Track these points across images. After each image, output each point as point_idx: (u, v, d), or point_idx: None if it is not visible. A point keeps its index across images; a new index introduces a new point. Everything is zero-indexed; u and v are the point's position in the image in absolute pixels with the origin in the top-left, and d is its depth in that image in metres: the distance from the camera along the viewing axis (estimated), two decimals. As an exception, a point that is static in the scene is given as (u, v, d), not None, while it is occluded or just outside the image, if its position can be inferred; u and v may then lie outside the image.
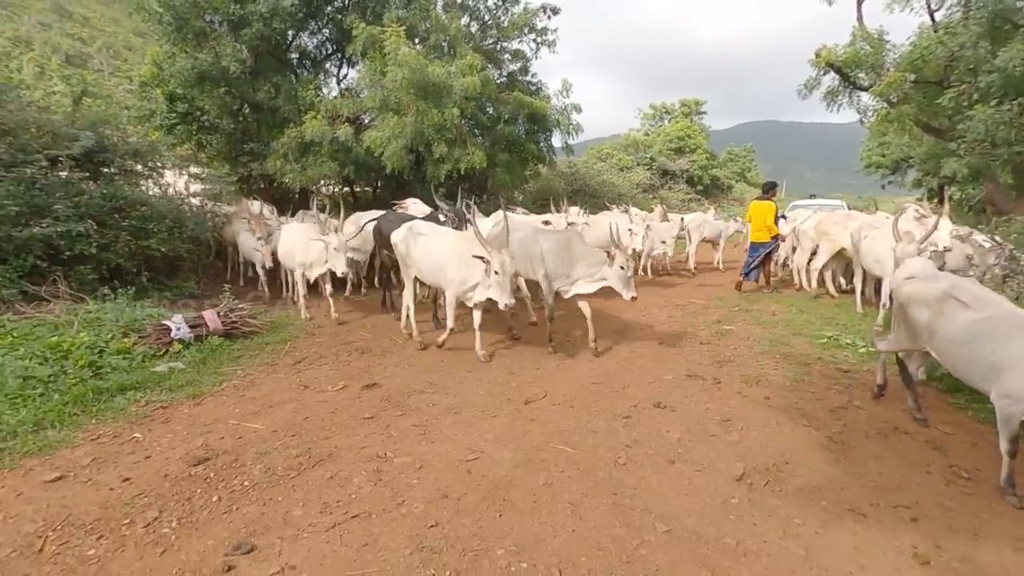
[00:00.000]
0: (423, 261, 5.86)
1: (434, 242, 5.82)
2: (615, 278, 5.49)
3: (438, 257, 5.68)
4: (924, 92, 9.01)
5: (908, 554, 2.77)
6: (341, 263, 6.66)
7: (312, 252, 6.93)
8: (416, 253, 5.93)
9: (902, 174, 25.40)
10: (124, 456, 3.57)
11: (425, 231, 6.03)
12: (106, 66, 49.49)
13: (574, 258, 5.74)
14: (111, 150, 8.02)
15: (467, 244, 5.47)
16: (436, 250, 5.73)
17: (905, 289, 4.01)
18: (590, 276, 5.67)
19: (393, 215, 7.53)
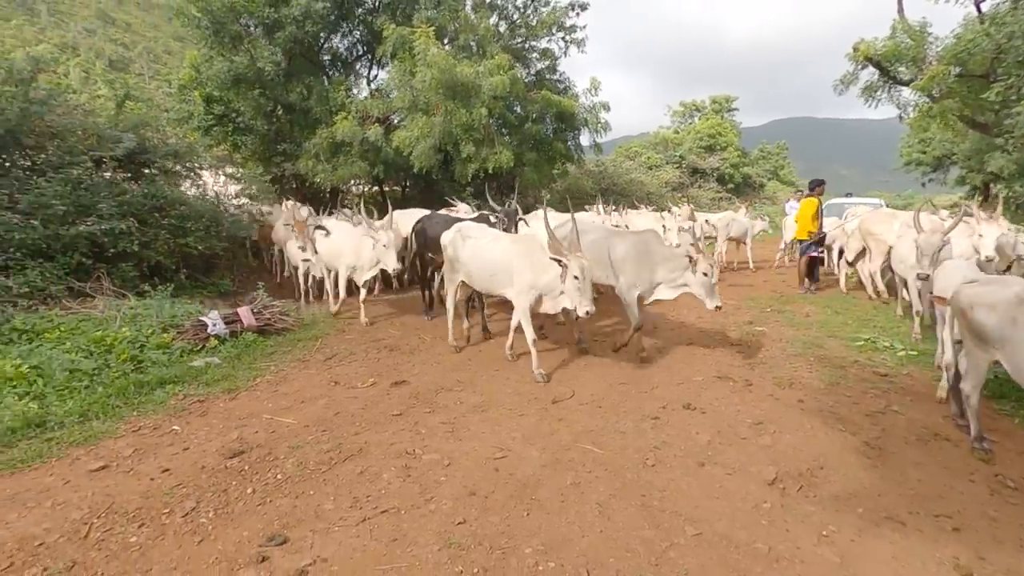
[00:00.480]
0: (473, 265, 5.54)
1: (485, 245, 5.48)
2: (698, 285, 5.16)
3: (491, 261, 5.35)
4: (969, 86, 8.66)
5: (949, 565, 2.67)
6: (392, 259, 6.53)
7: (364, 253, 6.79)
8: (465, 256, 5.61)
9: (944, 171, 24.52)
10: (164, 447, 3.70)
11: (475, 233, 5.71)
12: (147, 70, 51.20)
13: (655, 262, 5.38)
14: (152, 151, 8.29)
15: (525, 247, 5.19)
16: (488, 253, 5.40)
17: (968, 293, 3.64)
18: (671, 282, 5.34)
19: (439, 216, 7.35)
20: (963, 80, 8.61)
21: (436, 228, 6.66)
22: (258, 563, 2.55)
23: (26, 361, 4.46)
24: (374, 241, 6.57)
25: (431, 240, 6.71)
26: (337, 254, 7.23)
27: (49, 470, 3.36)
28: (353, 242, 6.99)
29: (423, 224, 7.16)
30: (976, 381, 3.61)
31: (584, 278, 4.63)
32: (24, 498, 3.05)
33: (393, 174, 13.97)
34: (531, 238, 5.50)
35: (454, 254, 5.76)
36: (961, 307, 3.60)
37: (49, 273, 6.17)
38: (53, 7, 67.66)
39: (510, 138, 12.52)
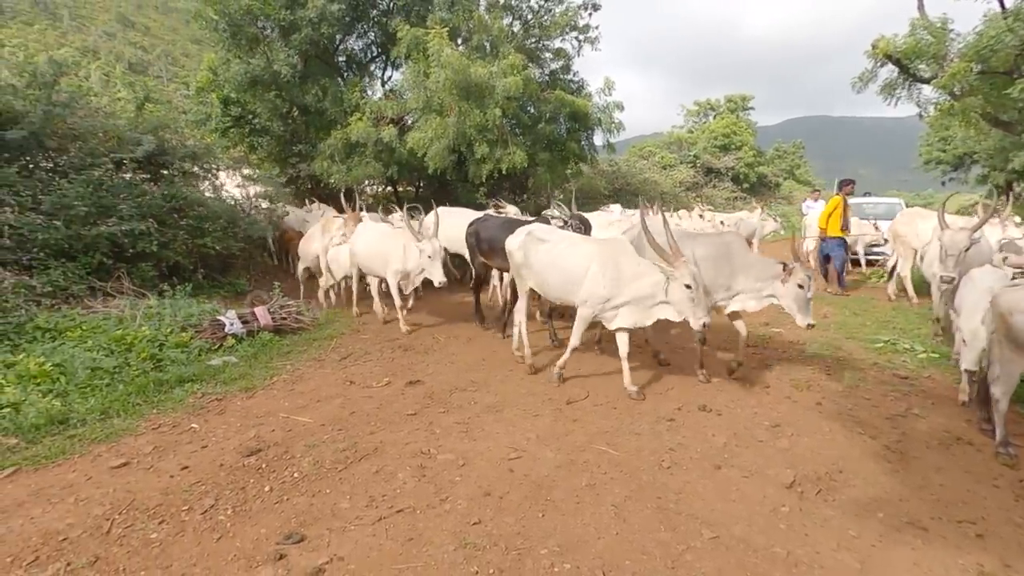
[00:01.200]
0: (549, 272, 4.99)
1: (563, 250, 4.94)
2: (790, 297, 4.55)
3: (569, 268, 4.81)
4: (992, 83, 8.48)
5: (973, 572, 2.62)
6: (439, 272, 5.97)
7: (411, 259, 6.29)
8: (538, 262, 5.08)
9: (965, 170, 24.09)
10: (183, 445, 3.75)
11: (549, 237, 5.15)
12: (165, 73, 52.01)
13: (735, 268, 4.83)
14: (170, 153, 8.40)
15: (612, 252, 4.69)
16: (566, 259, 4.86)
17: (1009, 297, 3.48)
18: (755, 292, 4.80)
19: (496, 219, 6.87)
20: (985, 77, 8.43)
21: (493, 231, 6.25)
22: (276, 561, 2.58)
23: (49, 359, 4.54)
24: (420, 250, 6.13)
25: (487, 243, 6.34)
26: (383, 259, 6.70)
27: (72, 466, 3.42)
28: (402, 246, 6.46)
29: (477, 227, 6.66)
30: (1008, 387, 3.52)
31: (698, 287, 4.18)
32: (48, 494, 3.10)
33: (407, 175, 14.04)
34: (619, 242, 4.94)
35: (524, 260, 5.21)
36: (1000, 311, 3.47)
37: (71, 273, 6.28)
38: (75, 11, 68.92)
39: (524, 138, 12.52)
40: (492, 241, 6.21)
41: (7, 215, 5.91)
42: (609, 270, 4.56)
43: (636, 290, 4.50)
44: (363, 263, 7.06)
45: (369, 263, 6.98)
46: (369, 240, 6.97)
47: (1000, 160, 13.42)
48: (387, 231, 6.94)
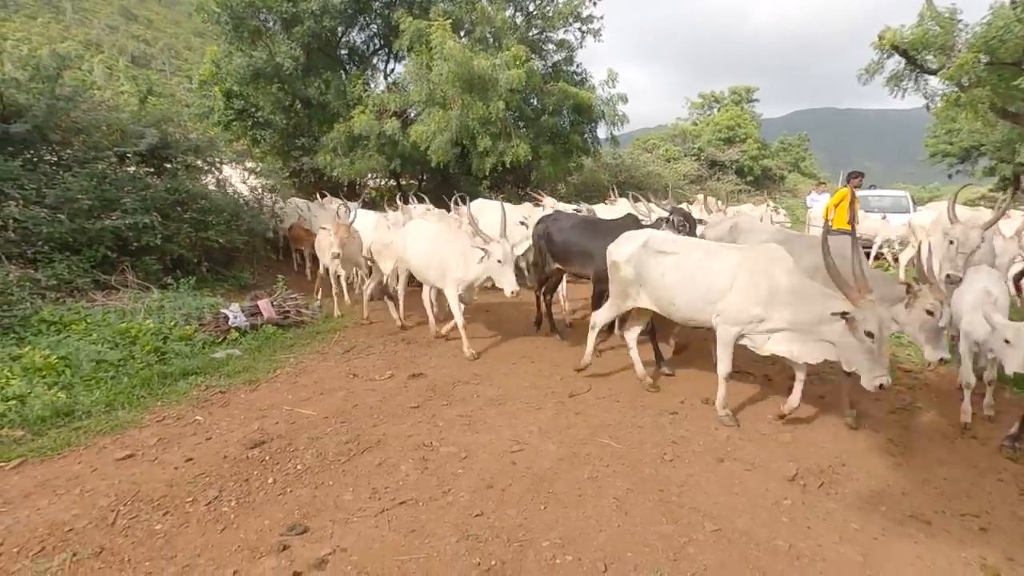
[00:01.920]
0: (678, 289, 4.18)
1: (699, 261, 4.14)
2: (914, 324, 3.68)
3: (711, 281, 4.03)
4: (1000, 74, 8.39)
5: (976, 565, 2.62)
6: (511, 280, 5.10)
7: (473, 265, 5.40)
8: (660, 278, 4.27)
9: (972, 162, 23.90)
10: (187, 437, 3.76)
11: (674, 248, 4.32)
12: (168, 66, 51.95)
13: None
14: (173, 146, 8.40)
15: (769, 261, 3.88)
16: (706, 271, 4.07)
17: None
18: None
19: (568, 217, 6.04)
20: (993, 68, 8.34)
21: (569, 232, 5.62)
22: (279, 552, 2.59)
23: (54, 352, 4.56)
24: (484, 254, 5.23)
25: (561, 247, 5.68)
26: (441, 266, 5.71)
27: (77, 458, 3.44)
28: (461, 250, 5.56)
29: (548, 226, 5.93)
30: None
31: (881, 338, 3.30)
32: (54, 485, 3.13)
33: (410, 168, 14.04)
34: (773, 250, 4.02)
35: (636, 275, 4.41)
36: None
37: (75, 266, 6.29)
38: (77, 5, 68.87)
39: (527, 131, 12.49)
40: (569, 244, 5.62)
41: (11, 209, 5.92)
42: (762, 284, 3.81)
43: (795, 315, 3.68)
44: (417, 270, 6.11)
45: (424, 271, 5.98)
46: (422, 243, 5.96)
47: (1008, 152, 13.33)
48: (443, 232, 6.06)
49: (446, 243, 5.75)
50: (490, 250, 5.18)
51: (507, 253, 5.16)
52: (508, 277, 5.11)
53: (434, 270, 5.79)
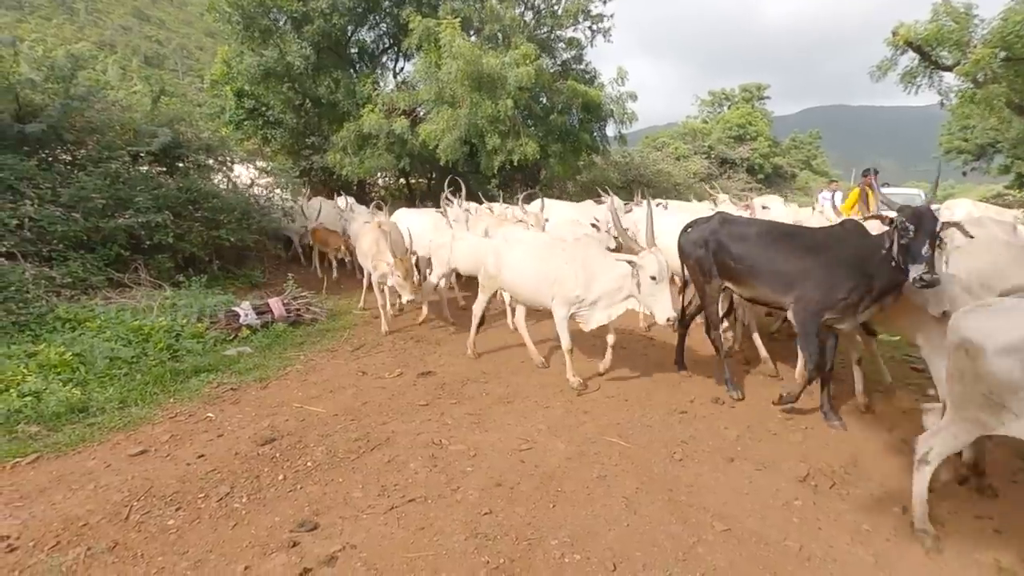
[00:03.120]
0: None
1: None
2: None
3: None
4: (1016, 70, 8.27)
5: (991, 567, 2.59)
6: (667, 304, 4.02)
7: (603, 280, 4.40)
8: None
9: (988, 160, 23.57)
10: (199, 434, 3.80)
11: None
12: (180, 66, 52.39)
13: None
14: (185, 146, 8.48)
15: None
16: None
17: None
18: None
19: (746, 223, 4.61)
20: (1010, 64, 8.21)
21: (754, 244, 4.17)
22: (289, 548, 2.61)
23: (69, 349, 4.62)
24: (633, 267, 4.12)
25: (740, 261, 4.23)
26: (548, 282, 4.65)
27: (92, 454, 3.49)
28: (583, 262, 4.50)
29: (716, 231, 4.44)
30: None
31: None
32: (69, 480, 3.17)
33: (419, 167, 14.08)
34: None
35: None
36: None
37: (90, 264, 6.37)
38: (91, 6, 69.60)
39: (536, 129, 12.47)
40: (753, 260, 4.16)
41: (27, 208, 6.00)
42: None
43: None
44: (513, 287, 5.13)
45: (520, 288, 4.98)
46: (522, 255, 4.95)
47: (1023, 149, 13.13)
48: (549, 242, 5.05)
49: (555, 256, 4.72)
50: (640, 263, 4.08)
51: (663, 267, 4.05)
52: (664, 299, 4.03)
53: (538, 289, 4.76)
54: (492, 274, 5.19)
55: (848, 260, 3.67)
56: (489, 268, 5.21)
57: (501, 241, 5.34)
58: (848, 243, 3.74)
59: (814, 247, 3.90)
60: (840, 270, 3.68)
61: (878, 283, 3.57)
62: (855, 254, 3.67)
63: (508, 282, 5.12)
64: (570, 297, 4.51)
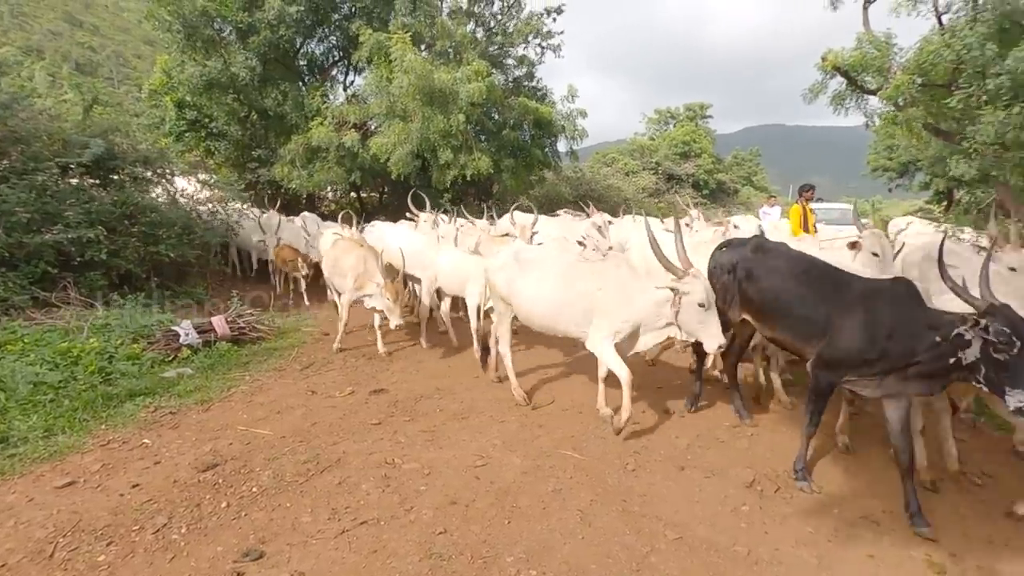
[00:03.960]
0: None
1: None
2: None
3: None
4: (932, 95, 8.92)
5: (923, 563, 2.74)
6: (716, 331, 3.66)
7: (639, 306, 3.94)
8: None
9: (910, 177, 25.26)
10: (133, 462, 3.58)
11: None
12: (116, 74, 50.08)
13: None
14: (121, 157, 8.08)
15: None
16: None
17: None
18: None
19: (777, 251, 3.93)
20: (926, 89, 8.86)
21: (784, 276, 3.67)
22: (233, 579, 2.49)
23: (-13, 374, 4.29)
24: (676, 294, 3.66)
25: (765, 294, 3.75)
26: (572, 306, 4.18)
27: (12, 488, 3.23)
28: (616, 288, 4.04)
29: (745, 257, 3.95)
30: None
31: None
32: (-16, 518, 2.92)
33: (370, 181, 13.91)
34: None
35: None
36: None
37: (12, 283, 5.95)
38: (16, 8, 65.79)
39: (488, 144, 12.57)
40: (782, 297, 3.64)
41: (-60, 222, 5.57)
42: None
43: None
44: (528, 313, 4.48)
45: (539, 314, 4.41)
46: (541, 276, 4.39)
47: (940, 167, 14.15)
48: (573, 263, 4.44)
49: (587, 276, 4.19)
50: (684, 288, 3.64)
51: (709, 292, 3.70)
52: (713, 326, 3.65)
53: (564, 313, 4.22)
54: (503, 296, 4.65)
55: (890, 324, 3.07)
56: (499, 289, 4.66)
57: (510, 259, 4.64)
58: (896, 306, 3.15)
59: (854, 298, 3.31)
60: (877, 332, 3.09)
61: (924, 367, 2.93)
62: (901, 320, 3.06)
63: (522, 307, 4.49)
64: (615, 325, 4.00)
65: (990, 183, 11.12)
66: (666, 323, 3.83)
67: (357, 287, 5.90)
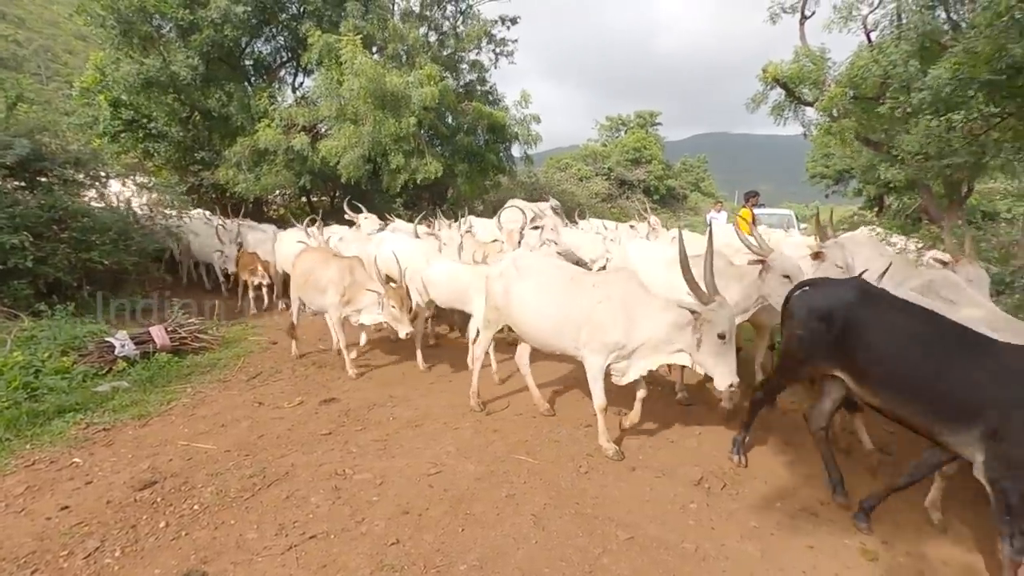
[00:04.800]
0: None
1: None
2: None
3: None
4: (862, 107, 9.47)
5: (857, 551, 2.88)
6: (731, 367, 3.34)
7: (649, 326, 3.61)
8: None
9: (845, 184, 26.66)
10: (62, 483, 3.37)
11: None
12: (44, 70, 47.15)
13: None
14: (49, 159, 7.59)
15: None
16: None
17: None
18: None
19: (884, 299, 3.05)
20: (857, 102, 9.40)
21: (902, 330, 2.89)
22: (172, 603, 2.37)
23: None
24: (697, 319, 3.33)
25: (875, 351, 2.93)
26: (571, 321, 3.83)
27: (-78, 516, 2.98)
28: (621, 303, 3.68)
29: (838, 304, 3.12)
30: None
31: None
32: None
33: (321, 185, 13.61)
34: None
35: None
36: None
37: (-76, 293, 5.52)
38: (-70, -3, 61.13)
39: (441, 149, 12.53)
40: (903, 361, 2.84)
41: None
42: None
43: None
44: (524, 326, 4.16)
45: (534, 329, 4.08)
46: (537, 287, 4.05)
47: (872, 175, 15.03)
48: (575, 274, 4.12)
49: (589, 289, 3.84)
50: (707, 317, 3.29)
51: (732, 323, 3.35)
52: (729, 362, 3.32)
53: (562, 329, 3.89)
54: (498, 305, 4.32)
55: None
56: (495, 299, 4.32)
57: (510, 267, 4.30)
58: None
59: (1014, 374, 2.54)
60: None
61: None
62: None
63: (518, 320, 4.16)
64: (609, 344, 3.67)
65: (916, 190, 11.89)
66: (677, 349, 3.52)
67: (345, 301, 5.30)
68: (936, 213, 9.79)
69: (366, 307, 5.23)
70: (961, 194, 10.68)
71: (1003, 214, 14.50)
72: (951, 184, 10.02)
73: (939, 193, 10.48)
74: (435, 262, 5.87)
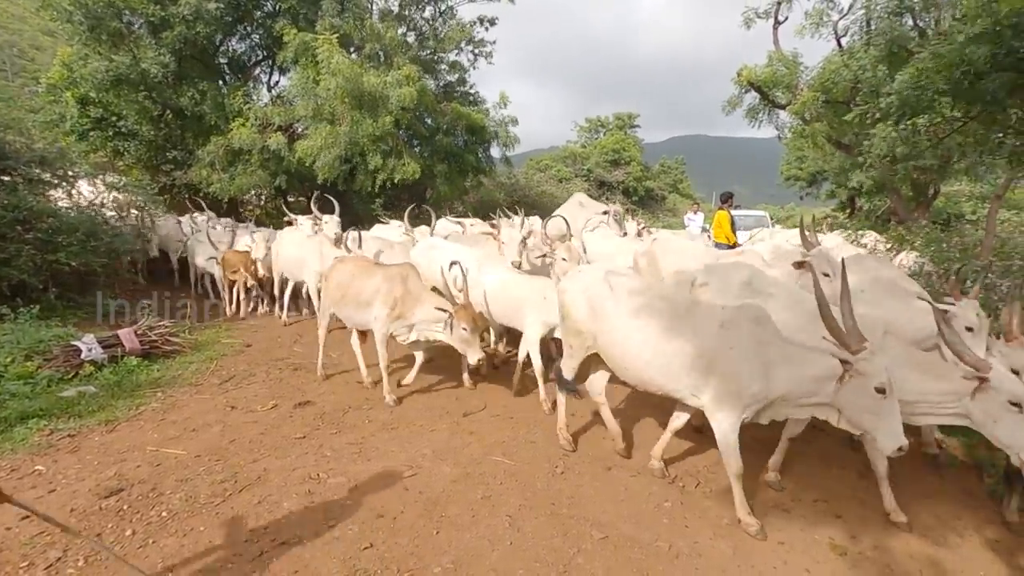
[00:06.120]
0: None
1: None
2: None
3: None
4: (834, 111, 9.69)
5: (826, 546, 2.94)
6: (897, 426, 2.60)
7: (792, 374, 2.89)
8: None
9: (818, 186, 27.21)
10: (24, 491, 3.26)
11: None
12: (9, 66, 45.71)
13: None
14: (13, 157, 7.37)
15: None
16: None
17: None
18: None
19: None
20: (829, 106, 9.61)
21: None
22: (137, 613, 2.31)
23: None
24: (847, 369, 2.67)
25: None
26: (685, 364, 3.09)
27: None
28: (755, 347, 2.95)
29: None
30: None
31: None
32: None
33: (297, 185, 13.45)
34: None
35: None
36: None
37: None
38: None
39: (420, 149, 12.48)
40: None
41: None
42: None
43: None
44: (619, 360, 3.42)
45: (635, 367, 3.32)
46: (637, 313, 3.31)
47: (843, 178, 15.38)
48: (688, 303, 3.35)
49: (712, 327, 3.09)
50: (861, 369, 2.62)
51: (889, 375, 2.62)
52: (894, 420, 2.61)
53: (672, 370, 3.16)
54: (582, 330, 3.60)
55: None
56: (577, 318, 3.60)
57: (599, 283, 3.54)
58: None
59: None
60: None
61: None
62: None
63: (611, 352, 3.45)
64: (745, 396, 2.94)
65: (885, 192, 12.20)
66: (818, 402, 2.84)
67: (397, 316, 4.58)
68: (904, 214, 10.05)
69: (419, 323, 4.57)
70: (928, 196, 10.98)
71: (968, 216, 14.97)
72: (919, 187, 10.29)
73: (907, 196, 10.76)
74: (488, 269, 5.21)
